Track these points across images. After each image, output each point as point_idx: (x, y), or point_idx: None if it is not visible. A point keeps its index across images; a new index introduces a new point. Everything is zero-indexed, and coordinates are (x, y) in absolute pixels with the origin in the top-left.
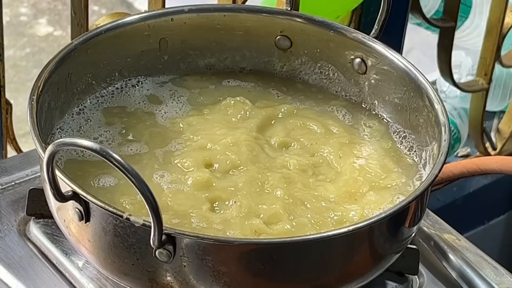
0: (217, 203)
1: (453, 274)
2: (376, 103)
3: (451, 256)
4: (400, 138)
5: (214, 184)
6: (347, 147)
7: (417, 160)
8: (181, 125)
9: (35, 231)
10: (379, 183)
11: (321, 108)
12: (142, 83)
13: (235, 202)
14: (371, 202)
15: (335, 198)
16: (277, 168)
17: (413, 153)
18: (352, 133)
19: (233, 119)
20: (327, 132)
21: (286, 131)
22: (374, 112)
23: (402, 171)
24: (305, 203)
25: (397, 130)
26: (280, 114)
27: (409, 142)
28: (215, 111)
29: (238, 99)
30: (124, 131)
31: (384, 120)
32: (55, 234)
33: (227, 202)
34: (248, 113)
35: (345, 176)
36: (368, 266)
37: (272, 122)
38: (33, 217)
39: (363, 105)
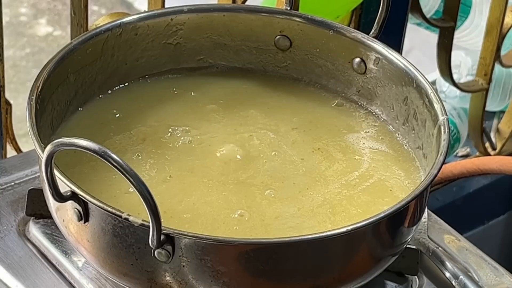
0: None
1: (453, 274)
2: (375, 103)
3: (451, 256)
4: (399, 138)
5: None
6: (344, 144)
7: (416, 160)
8: (180, 125)
9: (34, 231)
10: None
11: (321, 107)
12: (141, 83)
13: None
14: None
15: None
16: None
17: (412, 153)
18: (350, 131)
19: (234, 120)
20: (326, 131)
21: (285, 130)
22: (373, 112)
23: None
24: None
25: (396, 129)
26: (280, 113)
27: (408, 141)
28: (215, 111)
29: (238, 98)
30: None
31: (383, 119)
32: (54, 234)
33: None
34: (247, 113)
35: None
36: (368, 266)
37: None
38: (32, 217)
39: (362, 105)
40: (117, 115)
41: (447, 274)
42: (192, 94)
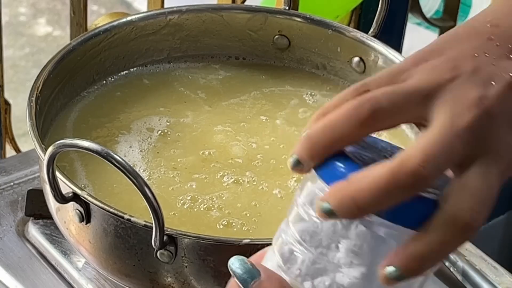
0: None
1: (453, 274)
2: None
3: (451, 256)
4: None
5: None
6: None
7: None
8: (180, 124)
9: (33, 231)
10: None
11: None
12: (140, 78)
13: None
14: None
15: None
16: None
17: None
18: None
19: (235, 118)
20: None
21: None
22: None
23: None
24: None
25: (396, 129)
26: (282, 113)
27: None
28: (217, 110)
29: (241, 98)
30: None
31: None
32: (53, 234)
33: None
34: (247, 114)
35: None
36: None
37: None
38: (31, 218)
39: None
40: (117, 112)
41: (446, 263)
42: (191, 92)
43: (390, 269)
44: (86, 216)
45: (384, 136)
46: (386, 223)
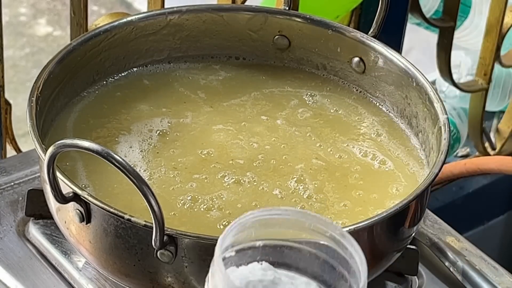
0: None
1: (453, 275)
2: (375, 102)
3: (451, 256)
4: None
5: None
6: (345, 144)
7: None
8: (180, 125)
9: (34, 231)
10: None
11: (319, 108)
12: (140, 79)
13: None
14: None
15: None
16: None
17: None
18: (350, 131)
19: (234, 119)
20: (324, 132)
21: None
22: (373, 111)
23: None
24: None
25: (396, 129)
26: (283, 113)
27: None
28: (217, 110)
29: (242, 99)
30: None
31: (383, 119)
32: (54, 234)
33: None
34: (248, 115)
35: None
36: (368, 266)
37: (278, 122)
38: (32, 218)
39: (361, 105)
40: (117, 112)
41: (446, 263)
42: (191, 92)
43: None
44: (86, 216)
45: (383, 136)
46: None
